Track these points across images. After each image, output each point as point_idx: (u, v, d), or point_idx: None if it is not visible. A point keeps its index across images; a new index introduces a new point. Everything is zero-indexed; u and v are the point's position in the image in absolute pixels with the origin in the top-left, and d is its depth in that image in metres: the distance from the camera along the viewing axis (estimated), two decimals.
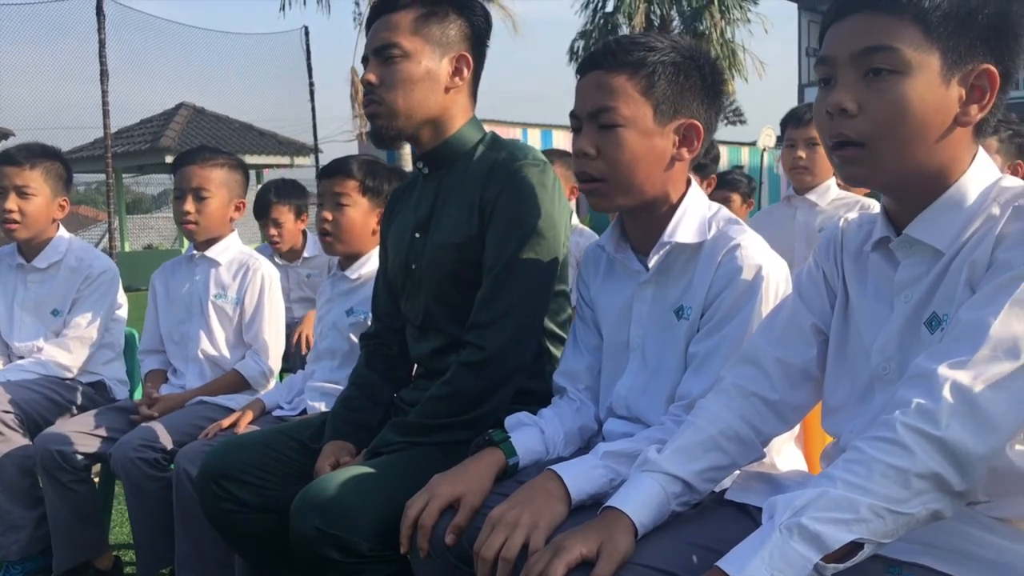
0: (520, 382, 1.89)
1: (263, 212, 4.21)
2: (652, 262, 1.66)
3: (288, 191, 4.23)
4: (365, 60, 1.98)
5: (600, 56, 1.63)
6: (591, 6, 25.55)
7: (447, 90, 1.96)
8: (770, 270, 1.58)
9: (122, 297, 3.16)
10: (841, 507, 1.05)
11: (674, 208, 1.66)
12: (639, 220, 1.69)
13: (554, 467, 1.48)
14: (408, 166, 13.20)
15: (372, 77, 1.93)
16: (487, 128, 2.06)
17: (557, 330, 2.01)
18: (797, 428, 1.57)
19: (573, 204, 4.15)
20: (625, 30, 24.42)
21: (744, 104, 63.36)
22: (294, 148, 18.97)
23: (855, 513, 1.05)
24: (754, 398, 1.41)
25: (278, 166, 18.70)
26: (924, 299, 1.24)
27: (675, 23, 24.26)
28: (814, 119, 1.32)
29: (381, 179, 2.57)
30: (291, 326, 3.47)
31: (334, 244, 2.64)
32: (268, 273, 2.90)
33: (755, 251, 1.59)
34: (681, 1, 24.17)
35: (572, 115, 1.68)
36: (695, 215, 1.66)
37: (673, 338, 1.64)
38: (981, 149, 1.29)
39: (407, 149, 15.06)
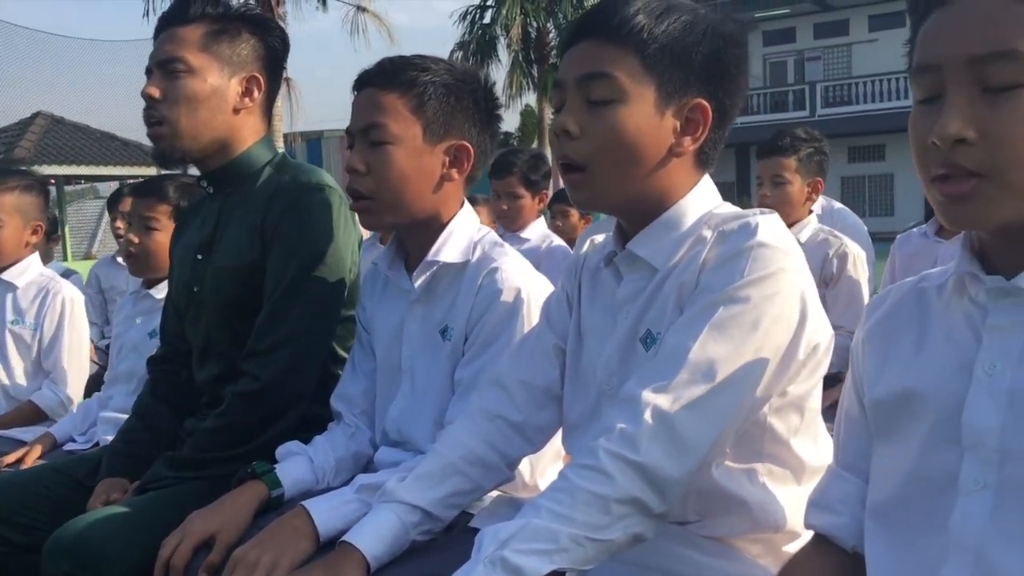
0: (302, 410, 1.85)
1: (114, 207, 4.25)
2: (418, 282, 1.65)
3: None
4: (149, 72, 1.91)
5: (373, 74, 1.63)
6: (469, 18, 25.67)
7: (236, 111, 1.91)
8: (529, 292, 1.59)
9: None
10: (543, 537, 1.06)
11: (444, 227, 1.66)
12: (412, 239, 1.69)
13: (305, 502, 1.45)
14: None
15: (154, 91, 1.85)
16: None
17: (347, 355, 1.98)
18: (562, 449, 1.59)
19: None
20: (503, 42, 24.64)
21: None
22: None
23: (555, 543, 1.06)
24: (498, 420, 1.42)
25: (144, 176, 18.05)
26: (640, 315, 1.28)
27: (551, 36, 24.60)
28: (549, 138, 1.34)
29: (192, 201, 2.48)
30: None
31: (139, 268, 2.54)
32: (70, 297, 2.77)
33: (515, 274, 1.60)
34: (558, 14, 24.51)
35: (347, 131, 1.67)
36: (462, 236, 1.66)
37: (439, 359, 1.64)
38: (707, 177, 1.33)
39: None
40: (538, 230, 4.06)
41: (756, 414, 1.22)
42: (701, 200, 1.29)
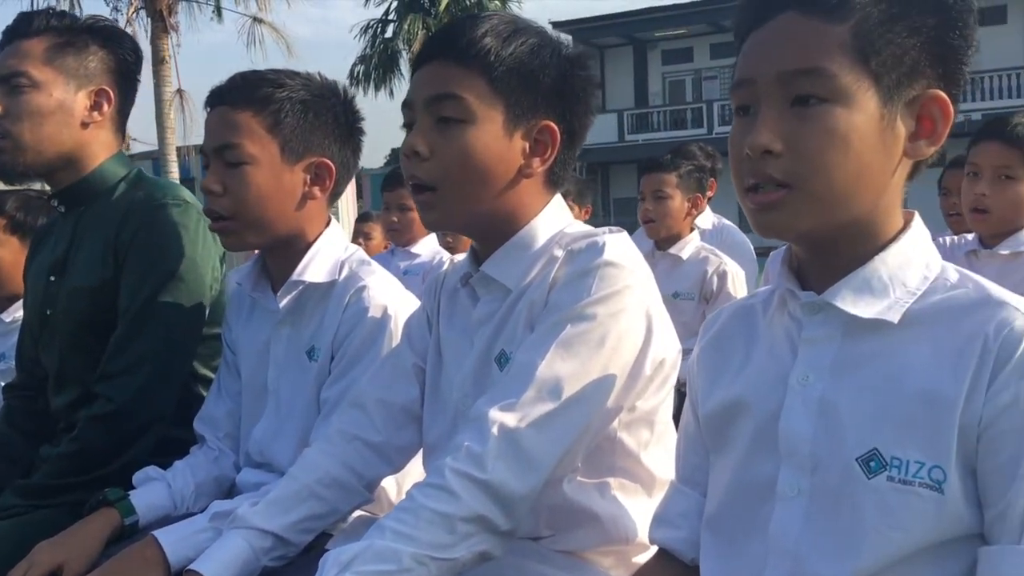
0: (161, 434, 1.80)
1: None
2: (283, 302, 1.63)
3: None
4: None
5: (226, 91, 1.59)
6: (370, 32, 25.56)
7: (84, 125, 1.85)
8: (397, 311, 1.58)
9: None
10: (385, 558, 1.06)
11: (309, 246, 1.63)
12: (276, 258, 1.66)
13: (156, 532, 1.41)
14: None
15: None
16: None
17: (212, 375, 1.94)
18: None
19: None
20: (405, 56, 24.61)
21: None
22: None
23: (398, 564, 1.06)
24: (356, 441, 1.40)
25: None
26: (494, 336, 1.29)
27: None
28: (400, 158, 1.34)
29: (36, 215, 2.39)
30: None
31: None
32: None
33: (382, 292, 1.59)
34: None
35: (201, 151, 1.63)
36: (328, 255, 1.64)
37: (305, 381, 1.61)
38: (558, 196, 1.35)
39: (174, 171, 14.36)
40: (429, 245, 4.05)
41: (605, 429, 1.25)
42: (552, 220, 1.31)
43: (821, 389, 0.97)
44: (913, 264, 0.97)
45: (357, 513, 1.50)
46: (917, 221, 1.00)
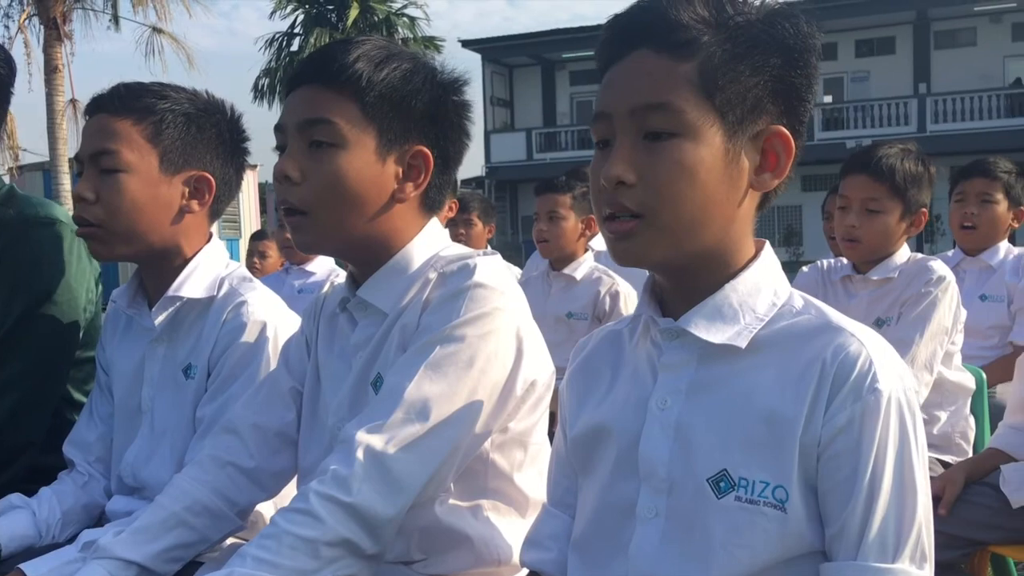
0: (31, 460, 1.73)
1: None
2: (159, 318, 1.59)
3: None
4: None
5: (106, 99, 1.56)
6: (276, 44, 25.23)
7: None
8: (276, 328, 1.56)
9: None
10: None
11: (187, 262, 1.61)
12: (152, 274, 1.62)
13: (23, 565, 1.35)
14: (67, 200, 12.09)
15: None
16: None
17: (86, 400, 1.87)
18: None
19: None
20: None
21: None
22: None
23: None
24: (229, 467, 1.38)
25: None
26: (371, 360, 1.29)
27: None
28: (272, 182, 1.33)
29: None
30: None
31: None
32: None
33: (261, 308, 1.57)
34: None
35: (75, 158, 1.59)
36: (207, 271, 1.61)
37: (182, 400, 1.58)
38: (434, 220, 1.36)
39: (66, 183, 13.82)
40: (324, 264, 4.02)
41: (477, 450, 1.26)
42: (427, 244, 1.32)
43: (677, 413, 1.00)
44: (762, 291, 1.01)
45: (231, 541, 1.48)
46: (767, 250, 1.05)
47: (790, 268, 2.69)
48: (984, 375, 2.49)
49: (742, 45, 0.95)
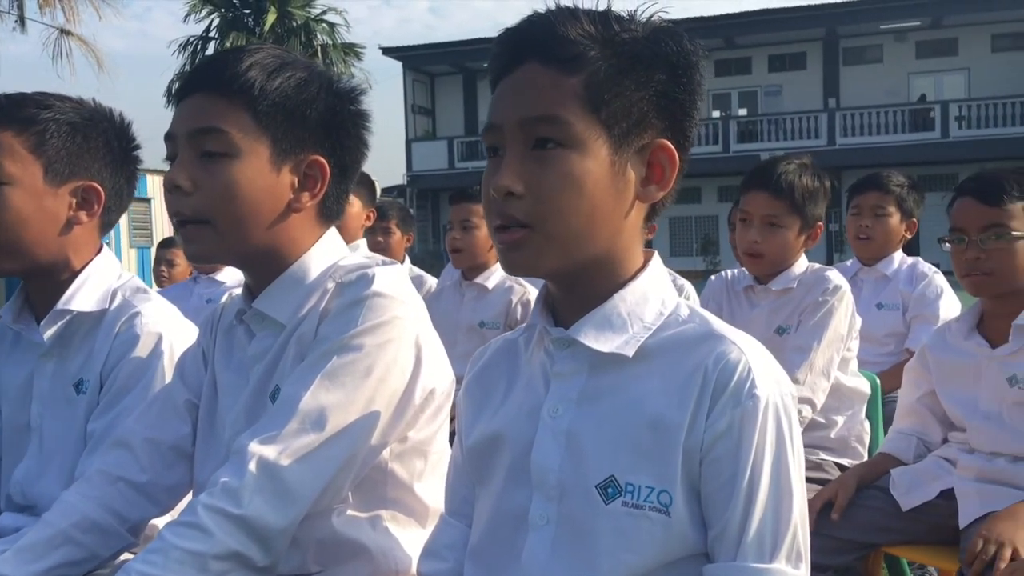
0: None
1: None
2: (48, 333, 1.54)
3: None
4: None
5: None
6: (190, 48, 24.73)
7: None
8: (173, 341, 1.54)
9: None
10: None
11: (76, 275, 1.56)
12: (38, 287, 1.58)
13: None
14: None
15: None
16: None
17: None
18: None
19: None
20: None
21: None
22: None
23: None
24: (120, 483, 1.35)
25: None
26: (269, 372, 1.27)
27: None
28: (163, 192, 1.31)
29: None
30: None
31: None
32: None
33: (156, 319, 1.54)
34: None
35: None
36: (98, 283, 1.57)
37: (73, 415, 1.53)
38: (332, 230, 1.35)
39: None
40: (234, 273, 3.94)
41: (374, 460, 1.25)
42: (325, 253, 1.31)
43: (569, 421, 1.01)
44: (650, 300, 1.03)
45: (125, 556, 1.44)
46: (655, 260, 1.07)
47: (708, 277, 2.76)
48: (879, 381, 2.59)
49: (627, 61, 0.97)
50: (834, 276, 2.38)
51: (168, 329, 1.55)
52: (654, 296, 1.04)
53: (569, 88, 0.96)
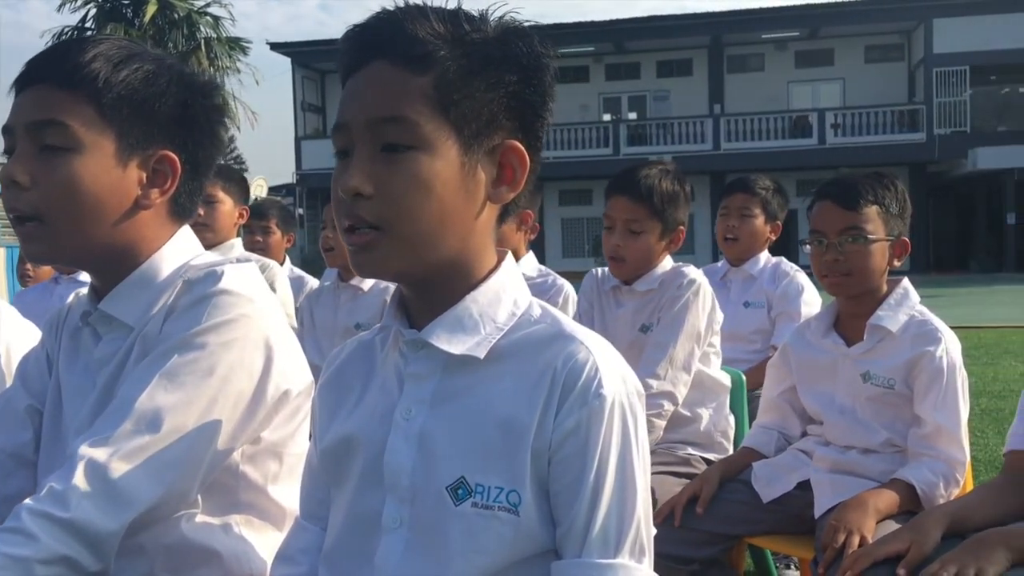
0: None
1: None
2: None
3: None
4: None
5: None
6: (65, 39, 23.64)
7: None
8: (11, 343, 1.49)
9: None
10: None
11: None
12: None
13: None
14: None
15: None
16: None
17: None
18: None
19: None
20: None
21: (245, 153, 63.47)
22: None
23: None
24: None
25: None
26: (115, 376, 1.22)
27: None
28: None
29: None
30: None
31: None
32: None
33: None
34: (167, 44, 23.42)
35: None
36: None
37: None
38: (185, 228, 1.31)
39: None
40: None
41: (223, 463, 1.22)
42: (177, 252, 1.27)
43: (421, 423, 1.01)
44: (502, 301, 1.03)
45: None
46: (508, 260, 1.07)
47: None
48: (743, 376, 2.68)
49: (477, 61, 0.97)
50: (690, 271, 2.43)
51: (6, 332, 1.48)
52: (507, 296, 1.04)
53: (417, 88, 0.95)
